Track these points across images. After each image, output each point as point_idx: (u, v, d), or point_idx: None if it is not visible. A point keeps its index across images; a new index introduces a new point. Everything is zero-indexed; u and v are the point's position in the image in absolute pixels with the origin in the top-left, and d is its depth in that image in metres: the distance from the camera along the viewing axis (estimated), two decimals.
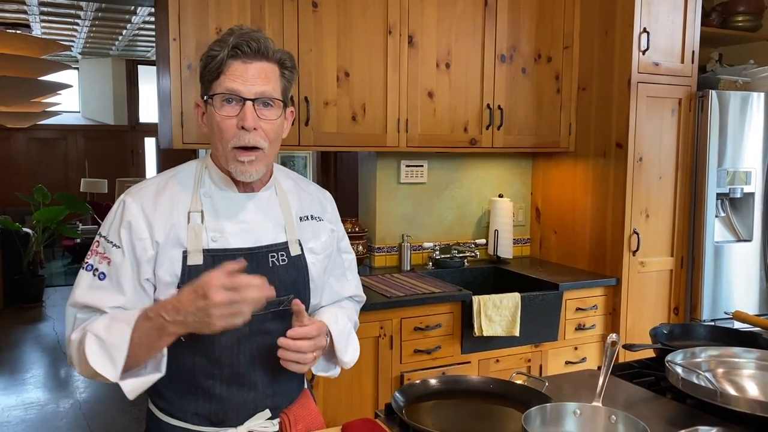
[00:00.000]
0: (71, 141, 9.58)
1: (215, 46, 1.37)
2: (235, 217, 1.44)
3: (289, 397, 1.54)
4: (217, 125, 1.37)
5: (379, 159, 3.34)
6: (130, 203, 1.39)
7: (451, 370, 2.85)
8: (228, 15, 2.64)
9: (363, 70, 2.90)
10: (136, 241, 1.36)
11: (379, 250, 3.38)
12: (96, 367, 1.27)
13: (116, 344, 1.27)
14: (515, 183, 3.73)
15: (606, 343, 1.52)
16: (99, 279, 1.36)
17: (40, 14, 6.98)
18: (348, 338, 1.57)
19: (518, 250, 3.73)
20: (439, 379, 1.64)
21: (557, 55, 3.35)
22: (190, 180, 1.45)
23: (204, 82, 1.40)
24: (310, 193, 1.60)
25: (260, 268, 1.41)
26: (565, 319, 3.10)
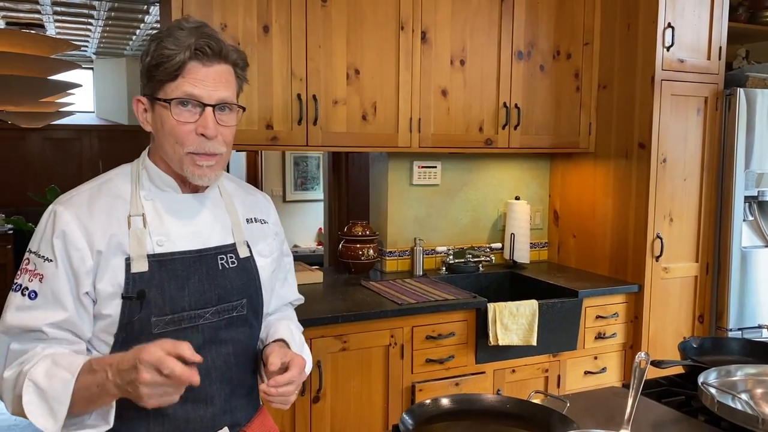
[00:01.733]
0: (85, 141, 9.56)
1: (170, 44, 1.26)
2: (182, 218, 1.36)
3: (248, 414, 1.45)
4: (170, 129, 1.28)
5: (391, 160, 3.22)
6: (62, 212, 1.27)
7: (465, 380, 2.73)
8: (234, 10, 2.54)
9: (374, 68, 2.79)
10: (72, 251, 1.24)
11: (390, 254, 3.27)
12: (34, 420, 1.16)
13: (57, 396, 1.15)
14: (532, 185, 3.59)
15: (634, 362, 1.40)
16: (29, 299, 1.24)
17: (53, 14, 6.94)
18: (302, 350, 1.49)
19: (535, 255, 3.59)
20: (452, 398, 1.52)
21: (577, 52, 3.21)
22: (127, 183, 1.35)
23: (153, 80, 1.29)
24: (255, 196, 1.56)
25: (209, 271, 1.35)
26: (584, 327, 2.96)
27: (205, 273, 1.33)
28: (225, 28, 2.52)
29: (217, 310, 1.34)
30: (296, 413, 2.48)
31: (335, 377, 2.53)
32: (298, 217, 6.91)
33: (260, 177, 6.96)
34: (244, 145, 2.62)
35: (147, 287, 1.26)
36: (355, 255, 3.10)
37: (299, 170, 6.98)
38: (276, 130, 2.63)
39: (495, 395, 1.54)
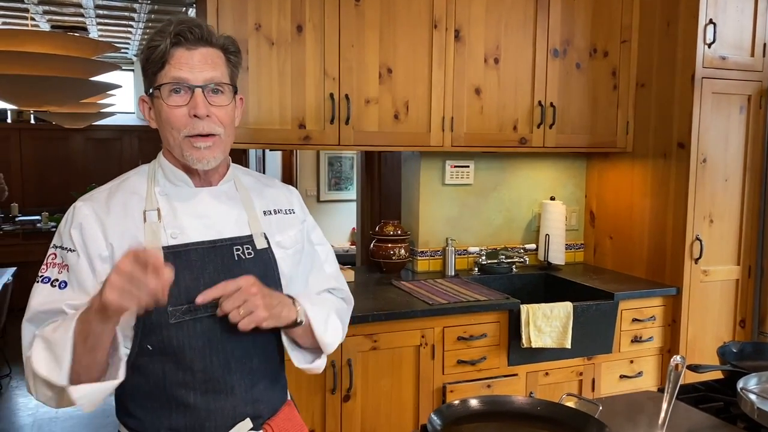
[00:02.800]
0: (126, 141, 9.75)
1: (156, 36, 1.31)
2: (194, 211, 1.38)
3: (272, 407, 1.44)
4: (166, 116, 1.31)
5: (423, 159, 3.20)
6: (81, 206, 1.33)
7: (497, 382, 2.69)
8: (267, 9, 2.55)
9: (406, 66, 2.78)
10: (89, 242, 1.29)
11: (422, 254, 3.25)
12: (41, 370, 1.17)
13: (60, 341, 1.17)
14: (568, 185, 3.53)
15: (669, 365, 1.36)
16: (59, 288, 1.28)
17: (96, 17, 7.10)
18: (327, 319, 1.46)
19: (571, 256, 3.53)
20: (481, 399, 1.50)
21: (614, 50, 3.15)
22: (143, 181, 1.39)
23: (148, 75, 1.34)
24: (274, 188, 1.55)
25: (225, 261, 1.35)
26: (620, 330, 2.90)
27: (220, 263, 1.34)
28: (259, 28, 2.54)
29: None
30: (326, 411, 2.48)
31: (365, 376, 2.52)
32: (332, 217, 6.94)
33: (295, 177, 7.01)
34: (278, 145, 2.63)
35: None
36: (386, 254, 3.09)
37: (333, 170, 7.00)
38: (308, 130, 2.63)
39: (525, 397, 1.52)
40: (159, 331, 1.29)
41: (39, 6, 6.27)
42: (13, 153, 8.56)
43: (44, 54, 4.15)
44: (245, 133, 2.52)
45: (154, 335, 1.29)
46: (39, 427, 4.18)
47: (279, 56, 2.57)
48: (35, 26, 6.96)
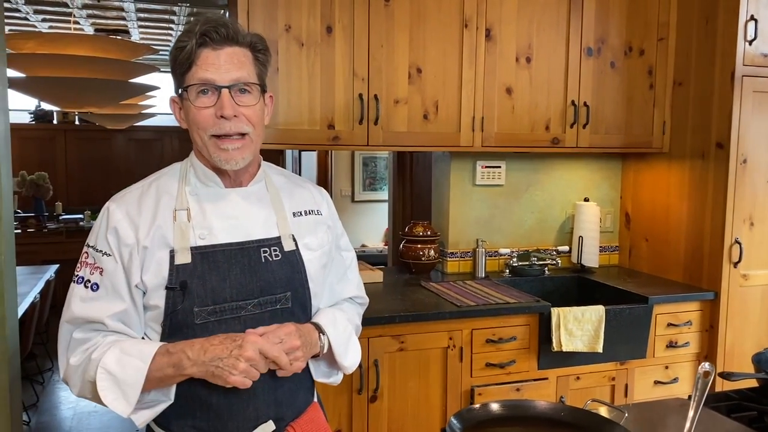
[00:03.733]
0: (166, 141, 9.92)
1: (182, 37, 1.31)
2: (223, 212, 1.38)
3: (295, 409, 1.44)
4: (193, 117, 1.32)
5: (453, 159, 3.18)
6: (114, 209, 1.34)
7: (527, 386, 2.66)
8: (297, 10, 2.56)
9: (436, 66, 2.76)
10: (123, 248, 1.31)
11: (451, 256, 3.22)
12: (109, 404, 1.25)
13: (130, 382, 1.25)
14: (603, 186, 3.47)
15: (697, 372, 1.32)
16: (92, 290, 1.31)
17: (137, 20, 7.25)
18: (348, 342, 1.48)
19: (605, 259, 3.47)
20: (502, 403, 1.47)
21: (650, 48, 3.07)
22: (175, 180, 1.40)
23: (176, 75, 1.35)
24: (305, 188, 1.55)
25: (251, 263, 1.36)
26: (654, 335, 2.83)
27: (247, 265, 1.35)
28: (289, 29, 2.55)
29: (260, 302, 1.35)
30: (353, 412, 2.48)
31: (392, 377, 2.52)
32: (366, 217, 6.95)
33: (330, 177, 7.04)
34: (306, 145, 2.64)
35: (189, 278, 1.29)
36: (416, 255, 3.07)
37: (368, 170, 7.02)
38: (337, 130, 2.64)
39: (548, 402, 1.49)
40: (185, 330, 1.31)
41: (83, 10, 6.43)
42: (58, 153, 8.81)
43: (84, 57, 4.25)
44: (274, 133, 2.54)
45: (180, 334, 1.31)
46: (79, 420, 4.29)
47: (308, 57, 2.58)
48: (79, 30, 7.14)
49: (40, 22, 6.92)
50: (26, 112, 8.63)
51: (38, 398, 4.62)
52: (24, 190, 7.11)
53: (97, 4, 6.15)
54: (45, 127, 8.68)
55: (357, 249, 6.46)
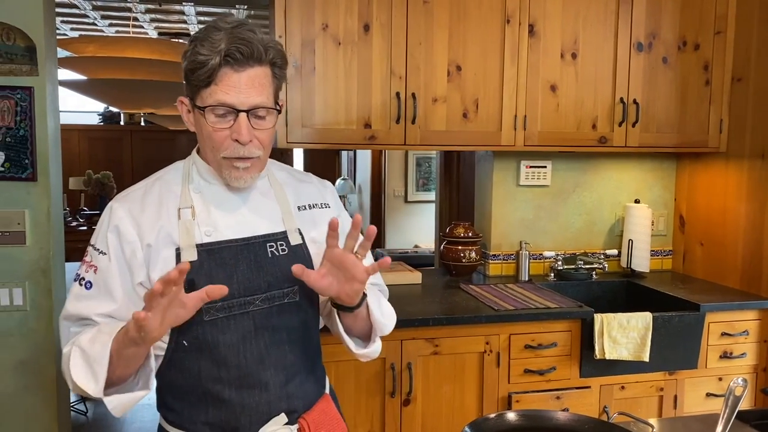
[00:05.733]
0: None
1: (203, 49, 1.25)
2: (228, 209, 1.38)
3: (307, 401, 1.43)
4: (207, 135, 1.31)
5: (497, 159, 3.10)
6: (116, 208, 1.35)
7: (568, 394, 2.56)
8: (335, 9, 2.55)
9: (476, 64, 2.69)
10: (125, 245, 1.31)
11: (494, 258, 3.14)
12: (78, 381, 1.21)
13: (97, 357, 1.20)
14: (656, 187, 3.31)
15: (728, 387, 1.23)
16: (85, 288, 1.32)
17: (197, 23, 7.44)
18: (380, 302, 1.45)
19: (657, 263, 3.31)
20: (520, 413, 1.41)
21: (706, 42, 2.92)
22: (178, 178, 1.40)
23: (190, 83, 1.30)
24: (309, 183, 1.55)
25: (257, 258, 1.35)
26: (707, 344, 2.68)
27: (253, 261, 1.34)
28: (326, 28, 2.54)
29: (267, 297, 1.35)
30: (386, 415, 2.44)
31: (426, 381, 2.47)
32: (419, 218, 6.90)
33: (383, 177, 7.04)
34: (342, 144, 2.62)
35: (196, 276, 1.28)
36: (456, 257, 3.01)
37: (421, 171, 6.97)
38: (374, 129, 2.61)
39: (569, 413, 1.41)
40: (194, 327, 1.31)
41: (146, 14, 6.64)
42: (125, 153, 9.13)
43: (141, 59, 4.38)
44: (311, 132, 2.54)
45: (189, 331, 1.31)
46: (133, 412, 4.41)
47: (345, 56, 2.56)
48: (142, 33, 7.38)
49: (107, 27, 7.19)
50: (95, 114, 8.99)
51: None
52: (90, 189, 7.39)
53: (159, 8, 6.33)
54: (112, 128, 9.01)
55: (410, 250, 6.43)
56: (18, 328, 2.61)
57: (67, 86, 4.37)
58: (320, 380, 1.51)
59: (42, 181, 2.59)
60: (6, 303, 2.59)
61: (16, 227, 2.57)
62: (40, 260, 2.62)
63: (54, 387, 2.67)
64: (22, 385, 2.63)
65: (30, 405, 2.65)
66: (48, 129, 2.60)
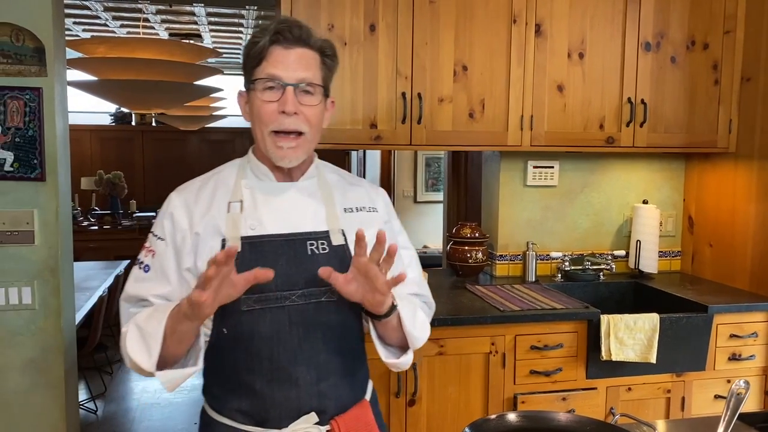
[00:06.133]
0: (238, 142, 10.16)
1: (257, 33, 1.37)
2: (274, 205, 1.43)
3: (339, 403, 1.42)
4: (257, 110, 1.37)
5: (503, 159, 3.09)
6: (174, 197, 1.44)
7: (574, 395, 2.55)
8: (341, 9, 2.56)
9: (483, 64, 2.69)
10: (177, 232, 1.40)
11: (501, 258, 3.14)
12: (133, 356, 1.29)
13: (153, 333, 1.28)
14: (664, 188, 3.29)
15: (730, 390, 1.21)
16: (144, 271, 1.40)
17: (208, 24, 7.47)
18: (415, 313, 1.45)
19: (665, 264, 3.29)
20: (521, 414, 1.41)
21: (716, 41, 2.89)
22: (233, 174, 1.47)
23: (247, 69, 1.40)
24: (359, 186, 1.57)
25: (297, 255, 1.39)
26: (715, 346, 2.66)
27: (293, 257, 1.38)
28: (332, 28, 2.55)
29: (304, 294, 1.37)
30: (391, 415, 2.44)
31: (431, 381, 2.47)
32: (429, 218, 6.89)
33: (392, 177, 7.03)
34: (348, 144, 2.63)
35: (238, 266, 1.30)
36: (463, 257, 3.01)
37: (430, 171, 6.97)
38: (380, 129, 2.61)
39: (571, 414, 1.41)
40: (233, 316, 1.35)
41: (157, 15, 6.67)
42: (136, 153, 9.19)
43: (150, 60, 4.41)
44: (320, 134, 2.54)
45: (229, 319, 1.35)
46: (141, 411, 4.44)
47: (351, 56, 2.57)
48: (153, 34, 7.42)
49: (118, 28, 7.24)
50: (107, 114, 9.05)
51: (106, 388, 4.82)
52: (101, 189, 7.44)
53: (170, 9, 6.37)
54: (124, 129, 9.07)
55: (419, 250, 6.42)
56: (27, 326, 2.63)
57: (77, 87, 4.41)
58: (359, 385, 1.51)
59: (51, 181, 2.62)
60: (15, 302, 2.61)
61: (25, 227, 2.59)
62: (48, 259, 2.64)
63: (62, 385, 2.69)
64: (31, 383, 2.65)
65: (38, 403, 2.67)
66: (57, 129, 2.62)
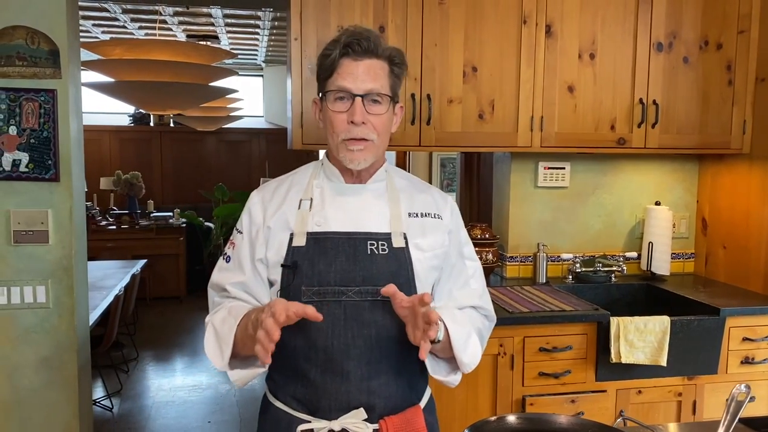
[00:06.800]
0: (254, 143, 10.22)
1: (330, 45, 1.44)
2: (340, 205, 1.50)
3: (389, 403, 1.45)
4: (329, 120, 1.45)
5: (514, 160, 3.08)
6: (254, 195, 1.56)
7: (583, 398, 2.54)
8: (350, 12, 2.56)
9: (492, 64, 2.68)
10: (252, 226, 1.51)
11: (511, 260, 3.13)
12: (208, 354, 1.42)
13: (224, 337, 1.39)
14: (677, 189, 3.26)
15: (731, 394, 1.20)
16: (225, 262, 1.54)
17: (225, 26, 7.52)
18: (468, 338, 1.47)
19: (678, 266, 3.26)
20: (521, 416, 1.41)
21: (729, 42, 2.86)
22: (308, 174, 1.56)
23: (319, 80, 1.48)
24: (428, 194, 1.60)
25: (356, 253, 1.44)
26: (727, 349, 2.63)
27: (352, 254, 1.44)
28: (341, 30, 2.55)
29: (360, 291, 1.42)
30: None
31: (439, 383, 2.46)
32: None
33: None
34: None
35: (301, 259, 1.43)
36: None
37: (446, 172, 6.94)
38: None
39: (572, 416, 1.40)
40: None
41: (174, 17, 6.74)
42: (154, 154, 9.29)
43: (166, 61, 4.45)
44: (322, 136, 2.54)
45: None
46: (156, 409, 4.49)
47: None
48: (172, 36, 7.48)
49: (136, 30, 7.32)
50: (126, 115, 9.16)
51: (122, 386, 4.88)
52: (119, 189, 7.53)
53: (186, 11, 6.43)
54: (142, 129, 9.18)
55: None
56: (41, 324, 2.68)
57: (94, 88, 4.47)
58: (414, 389, 1.54)
59: (65, 182, 2.65)
60: (30, 300, 2.66)
61: (40, 226, 2.63)
62: (62, 259, 2.68)
63: (75, 383, 2.73)
64: (44, 380, 2.70)
65: (52, 400, 2.71)
66: (71, 130, 2.66)
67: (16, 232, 2.61)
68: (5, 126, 2.58)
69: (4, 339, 2.65)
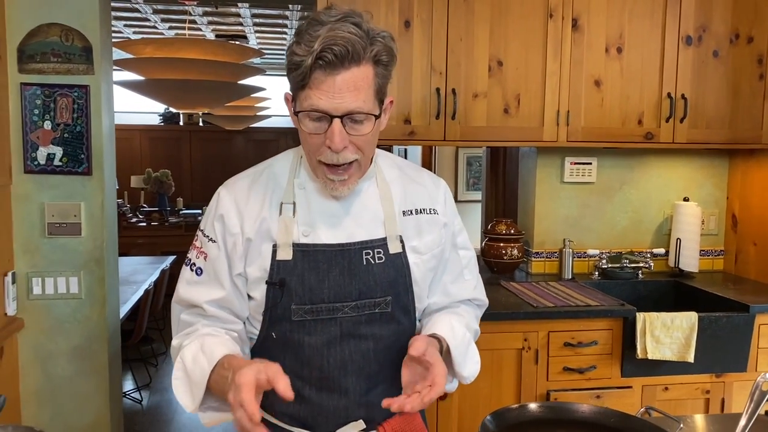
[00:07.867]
0: (282, 142, 10.30)
1: (299, 48, 1.16)
2: (328, 210, 1.32)
3: (388, 411, 1.34)
4: (304, 139, 1.25)
5: (540, 155, 3.07)
6: (224, 195, 1.34)
7: (608, 393, 2.52)
8: (376, 8, 2.58)
9: (518, 59, 2.68)
10: (228, 236, 1.31)
11: (537, 255, 3.11)
12: (177, 395, 1.27)
13: (196, 381, 1.24)
14: (706, 185, 3.22)
15: (755, 382, 1.19)
16: (196, 274, 1.33)
17: (253, 25, 7.60)
18: (467, 351, 1.40)
19: (707, 264, 3.21)
20: (542, 405, 1.41)
21: (761, 35, 2.82)
22: (286, 170, 1.36)
23: (290, 81, 1.23)
24: (420, 183, 1.42)
25: (351, 266, 1.30)
26: (757, 347, 2.59)
27: (347, 267, 1.30)
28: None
29: (357, 305, 1.31)
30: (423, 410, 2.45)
31: None
32: (470, 217, 6.85)
33: None
34: (382, 140, 2.65)
35: (289, 276, 1.28)
36: (498, 254, 3.00)
37: (472, 170, 6.93)
38: (414, 125, 2.63)
39: (594, 406, 1.40)
40: (283, 323, 1.31)
41: (204, 17, 6.83)
42: (183, 152, 9.41)
43: (195, 60, 4.52)
44: None
45: (279, 326, 1.32)
46: None
47: None
48: (201, 36, 7.59)
49: (167, 30, 7.43)
50: (156, 114, 9.30)
51: (151, 379, 4.96)
52: (149, 186, 7.65)
53: (215, 11, 6.51)
54: (172, 128, 9.30)
55: None
56: (73, 314, 2.74)
57: (125, 86, 4.55)
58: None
59: (96, 175, 2.71)
60: (63, 291, 2.72)
61: (73, 219, 2.70)
62: (94, 251, 2.74)
63: (106, 373, 2.79)
64: (76, 369, 2.76)
65: (83, 389, 2.77)
66: (103, 126, 2.72)
67: (50, 224, 2.68)
68: (40, 121, 2.65)
69: (38, 328, 2.72)
